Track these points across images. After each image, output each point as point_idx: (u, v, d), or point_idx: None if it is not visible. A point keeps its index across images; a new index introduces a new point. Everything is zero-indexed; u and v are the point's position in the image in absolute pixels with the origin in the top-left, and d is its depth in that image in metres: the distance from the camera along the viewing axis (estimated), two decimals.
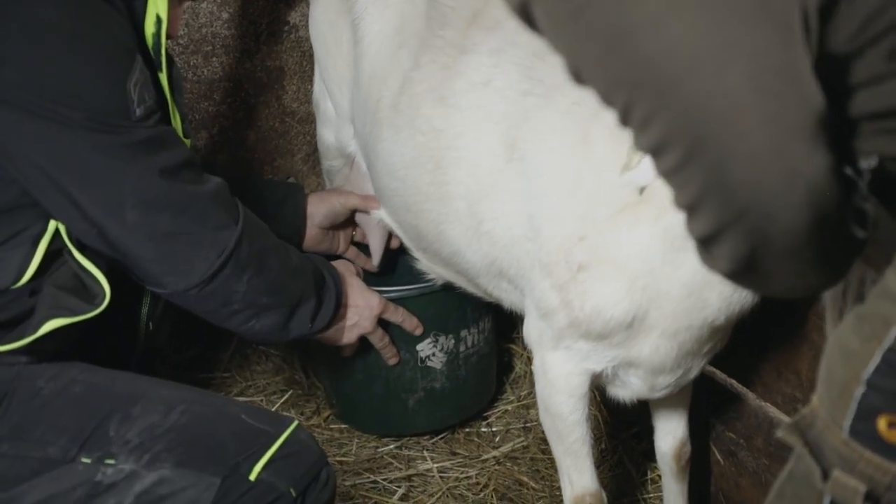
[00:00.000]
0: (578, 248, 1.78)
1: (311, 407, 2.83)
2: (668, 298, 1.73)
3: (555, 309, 1.85)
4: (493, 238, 1.96)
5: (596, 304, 1.78)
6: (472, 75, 1.99)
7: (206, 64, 2.78)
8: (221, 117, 2.85)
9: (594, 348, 1.85)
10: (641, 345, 1.82)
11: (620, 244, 1.74)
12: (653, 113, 0.95)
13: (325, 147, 2.59)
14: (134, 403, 1.74)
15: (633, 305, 1.75)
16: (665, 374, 1.89)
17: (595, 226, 1.75)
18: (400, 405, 2.59)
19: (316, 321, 2.08)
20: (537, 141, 1.86)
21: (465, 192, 1.99)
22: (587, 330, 1.81)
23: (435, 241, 2.12)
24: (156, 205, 1.76)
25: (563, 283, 1.81)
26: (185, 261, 1.82)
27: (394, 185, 2.18)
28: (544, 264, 1.84)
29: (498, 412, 2.82)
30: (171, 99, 1.91)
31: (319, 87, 2.55)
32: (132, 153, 1.74)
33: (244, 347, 3.00)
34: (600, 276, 1.76)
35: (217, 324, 1.99)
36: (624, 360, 1.87)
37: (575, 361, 1.90)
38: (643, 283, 1.73)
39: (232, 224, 1.87)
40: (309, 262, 2.09)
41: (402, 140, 2.11)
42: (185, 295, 1.86)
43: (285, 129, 2.93)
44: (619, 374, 1.93)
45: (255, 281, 1.91)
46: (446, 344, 2.54)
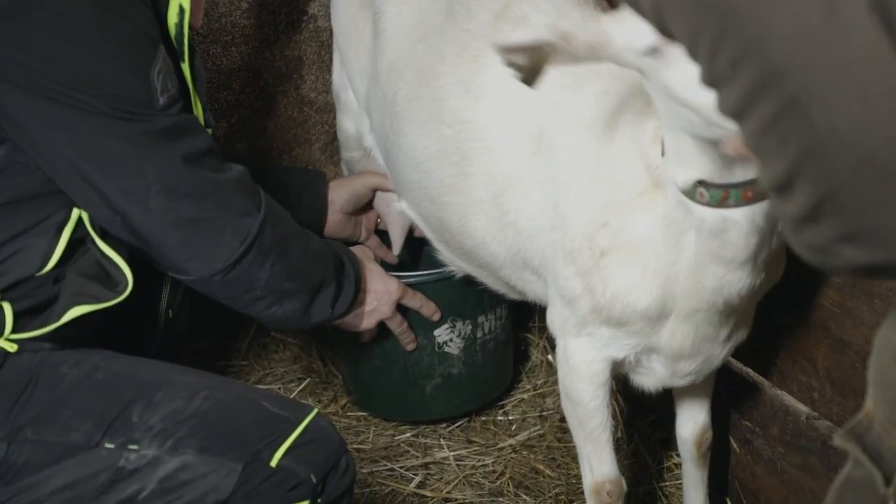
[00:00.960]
0: (601, 234, 1.79)
1: (328, 395, 2.84)
2: (676, 282, 1.75)
3: (578, 295, 1.86)
4: (518, 228, 1.97)
5: (616, 289, 1.79)
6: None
7: (226, 53, 2.79)
8: (240, 106, 2.85)
9: (615, 335, 1.86)
10: (660, 330, 1.83)
11: (636, 229, 1.76)
12: (745, 51, 0.86)
13: (345, 137, 2.59)
14: (156, 390, 1.74)
15: (647, 290, 1.77)
16: (685, 360, 1.89)
17: (616, 211, 1.77)
18: (417, 391, 2.60)
19: (336, 306, 2.09)
20: (564, 131, 1.87)
21: (491, 183, 1.99)
22: (608, 315, 1.83)
23: (458, 232, 2.12)
24: (179, 191, 1.77)
25: (586, 270, 1.82)
26: (208, 247, 1.83)
27: (417, 178, 2.18)
28: (568, 251, 1.85)
29: (514, 401, 2.83)
30: (193, 88, 1.91)
31: (339, 76, 2.56)
32: (155, 140, 1.74)
33: (262, 336, 3.01)
34: (619, 262, 1.78)
35: (239, 310, 2.00)
36: (645, 346, 1.88)
37: (597, 348, 1.91)
38: (654, 268, 1.75)
39: (254, 210, 1.88)
40: (328, 248, 2.10)
41: (427, 133, 2.11)
42: (208, 281, 1.87)
43: (303, 118, 2.93)
44: (642, 361, 1.94)
45: (278, 267, 1.92)
46: (464, 329, 2.55)
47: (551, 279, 1.95)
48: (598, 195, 1.80)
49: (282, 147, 2.93)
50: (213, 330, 2.96)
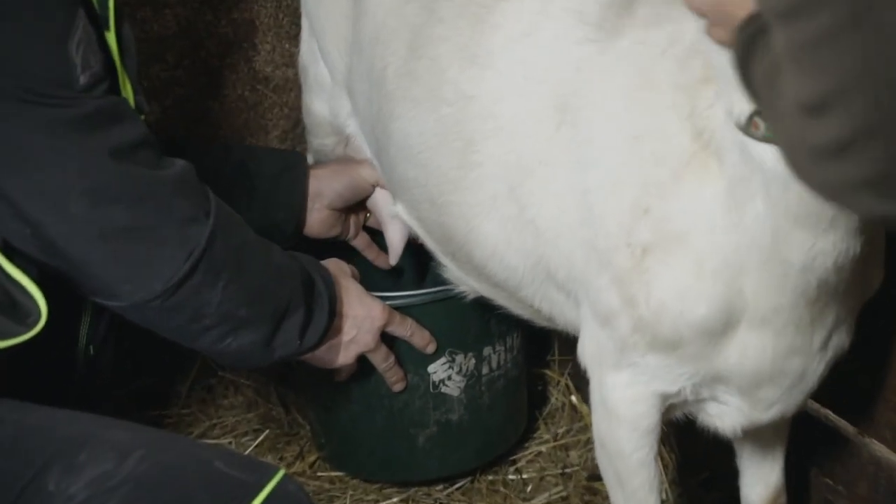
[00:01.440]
0: (641, 225, 1.78)
1: (292, 450, 2.82)
2: (745, 274, 1.72)
3: (615, 311, 1.85)
4: (539, 228, 1.96)
5: (663, 296, 1.77)
6: (511, 27, 2.00)
7: (157, 17, 2.79)
8: (176, 85, 2.85)
9: (666, 362, 1.84)
10: (725, 347, 1.80)
11: (685, 213, 1.74)
12: None
13: (314, 121, 2.60)
14: (79, 449, 1.73)
15: (706, 292, 1.75)
16: (767, 385, 1.86)
17: (659, 191, 1.76)
18: (407, 443, 2.59)
19: (306, 336, 2.09)
20: (592, 97, 1.88)
21: (504, 172, 1.99)
22: (655, 334, 1.81)
23: (465, 240, 2.12)
24: (107, 194, 1.77)
25: (624, 275, 1.81)
26: (145, 264, 1.83)
27: (412, 174, 2.18)
28: (601, 252, 1.84)
29: (529, 454, 2.82)
30: (121, 64, 1.91)
31: (308, 46, 2.56)
32: (76, 131, 1.74)
33: (207, 376, 3.00)
34: (666, 259, 1.76)
35: (184, 343, 1.99)
36: (707, 373, 1.85)
37: (642, 382, 1.89)
38: (713, 262, 1.73)
39: (202, 216, 1.88)
40: (295, 262, 2.10)
41: (422, 115, 2.12)
42: (145, 308, 1.86)
43: (257, 99, 2.93)
44: (705, 394, 1.91)
45: (232, 288, 1.92)
46: (465, 365, 2.55)
47: (582, 293, 1.95)
48: (636, 174, 1.79)
49: (230, 136, 2.93)
50: (145, 370, 2.95)
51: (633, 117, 1.81)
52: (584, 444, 2.83)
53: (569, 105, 1.90)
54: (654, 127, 1.78)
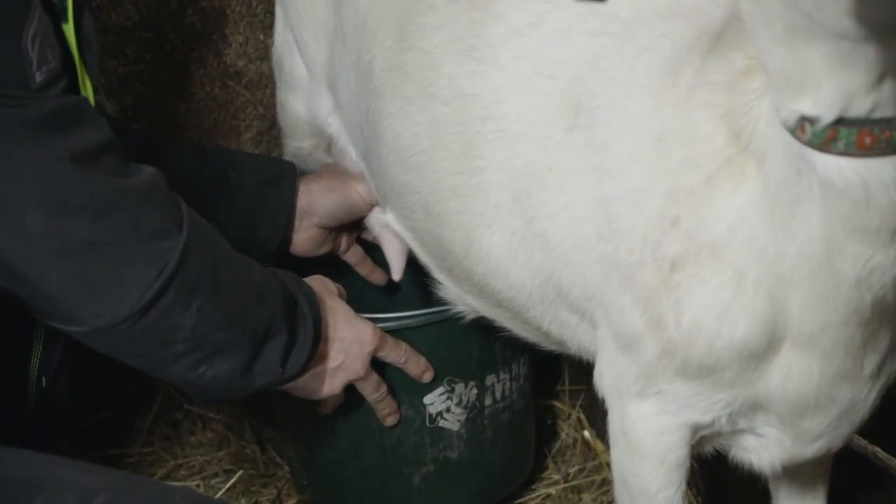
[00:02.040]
0: (670, 237, 1.78)
1: (269, 493, 2.81)
2: (790, 286, 1.72)
3: (639, 333, 1.84)
4: (549, 242, 1.96)
5: (697, 314, 1.77)
6: (514, 16, 2.00)
7: (116, 6, 2.79)
8: (137, 81, 2.85)
9: (698, 390, 1.84)
10: (767, 371, 1.80)
11: (720, 221, 1.74)
12: None
13: (290, 122, 2.60)
14: (35, 493, 1.72)
15: (747, 309, 1.74)
16: (812, 414, 1.85)
17: (689, 199, 1.76)
18: (400, 485, 2.58)
19: (288, 363, 2.09)
20: (610, 95, 1.87)
21: (509, 179, 2.00)
22: (686, 359, 1.81)
23: (465, 255, 2.12)
24: (66, 205, 1.76)
25: (650, 293, 1.81)
26: (110, 284, 1.82)
27: (405, 178, 2.19)
28: (623, 269, 1.84)
29: (537, 497, 2.82)
30: (80, 60, 1.91)
31: (283, 37, 2.56)
32: (32, 134, 1.73)
33: (171, 409, 3.00)
34: (700, 274, 1.76)
35: (153, 373, 2.00)
36: (746, 400, 1.84)
37: (670, 412, 1.89)
38: (755, 274, 1.72)
39: (174, 229, 1.88)
40: (275, 280, 2.10)
41: (414, 114, 2.12)
42: (110, 333, 1.86)
43: (228, 96, 2.93)
44: (743, 425, 1.90)
45: (208, 309, 1.92)
46: (466, 395, 2.55)
47: (600, 314, 1.94)
48: (662, 182, 1.79)
49: (198, 138, 2.92)
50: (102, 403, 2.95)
51: (658, 119, 1.81)
52: (599, 485, 2.83)
53: (582, 105, 1.91)
54: (683, 129, 1.78)
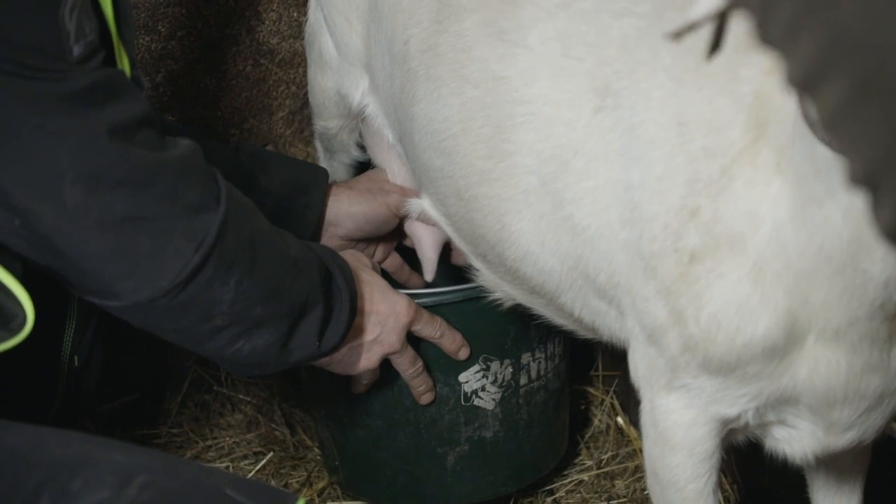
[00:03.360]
0: (690, 228, 1.77)
1: (299, 476, 2.83)
2: (813, 283, 1.70)
3: (663, 326, 1.84)
4: (576, 227, 1.96)
5: (715, 310, 1.76)
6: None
7: None
8: (169, 58, 2.84)
9: (724, 384, 1.84)
10: (793, 364, 1.79)
11: (740, 212, 1.73)
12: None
13: (320, 101, 2.61)
14: (73, 474, 1.71)
15: (767, 305, 1.73)
16: (842, 406, 1.84)
17: (708, 189, 1.75)
18: (434, 465, 2.58)
19: (325, 337, 2.09)
20: (636, 79, 1.87)
21: (537, 163, 2.00)
22: (707, 355, 1.80)
23: (496, 240, 2.12)
24: (105, 179, 1.75)
25: (671, 285, 1.80)
26: (149, 258, 1.82)
27: (438, 163, 2.19)
28: (647, 258, 1.84)
29: (570, 483, 2.82)
30: (118, 33, 1.89)
31: (315, 16, 2.57)
32: (70, 107, 1.72)
33: (201, 391, 3.01)
34: (718, 268, 1.75)
35: (190, 347, 2.00)
36: (773, 393, 1.83)
37: (698, 406, 1.89)
38: (775, 267, 1.71)
39: (212, 203, 1.87)
40: (311, 254, 2.11)
41: (446, 97, 2.12)
42: (150, 308, 1.85)
43: (261, 74, 2.92)
44: (772, 417, 1.90)
45: (246, 283, 1.92)
46: (501, 374, 2.54)
47: (627, 302, 1.94)
48: (683, 169, 1.78)
49: (229, 117, 2.92)
50: (130, 384, 2.95)
51: (681, 103, 1.80)
52: (633, 472, 2.84)
53: (609, 88, 1.90)
54: (705, 115, 1.77)
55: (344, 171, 2.72)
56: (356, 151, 2.65)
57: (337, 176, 2.71)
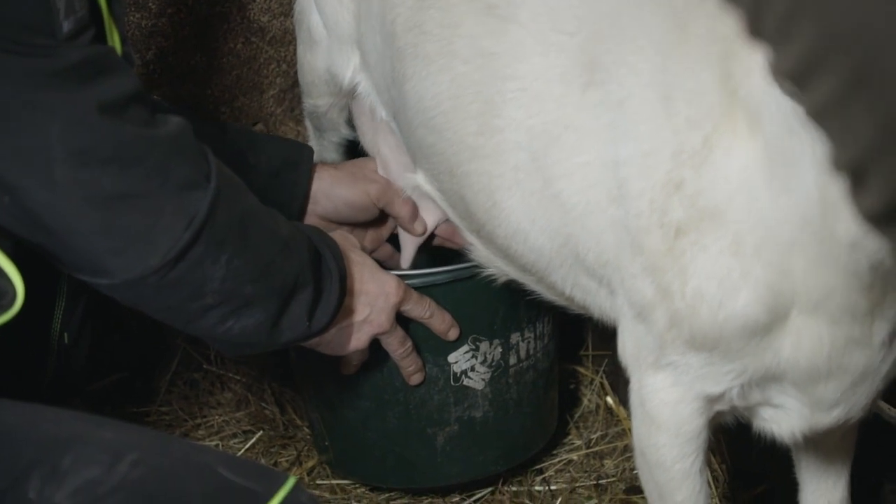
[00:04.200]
0: (674, 201, 1.77)
1: (288, 455, 2.83)
2: (793, 250, 1.70)
3: (650, 302, 1.84)
4: (565, 204, 1.96)
5: (698, 283, 1.76)
6: None
7: None
8: (159, 35, 2.83)
9: (709, 361, 1.84)
10: (777, 338, 1.79)
11: (717, 182, 1.73)
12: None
13: (309, 80, 2.60)
14: (64, 451, 1.71)
15: (748, 278, 1.73)
16: (826, 382, 1.84)
17: (692, 161, 1.75)
18: (424, 445, 2.59)
19: (315, 317, 2.09)
20: (624, 53, 1.87)
21: (527, 139, 2.00)
22: (692, 330, 1.80)
23: (487, 217, 2.13)
24: (95, 156, 1.75)
25: (657, 260, 1.81)
26: (139, 235, 1.81)
27: (429, 141, 2.19)
28: (634, 233, 1.84)
29: (559, 463, 2.82)
30: (108, 10, 1.89)
31: None
32: (60, 84, 1.72)
33: (190, 369, 3.00)
34: (701, 240, 1.76)
35: (179, 326, 1.99)
36: (757, 371, 1.83)
37: (685, 384, 1.89)
38: (754, 239, 1.71)
39: (202, 181, 1.87)
40: (301, 234, 2.11)
41: (435, 75, 2.13)
42: (139, 285, 1.85)
43: (251, 52, 2.92)
44: (757, 397, 1.90)
45: (237, 262, 1.92)
46: (490, 354, 2.54)
47: (616, 280, 1.94)
48: (668, 143, 1.78)
49: (219, 95, 2.92)
50: (119, 363, 2.95)
51: (667, 77, 1.80)
52: (622, 451, 2.84)
53: (598, 63, 1.90)
54: (688, 87, 1.77)
55: (333, 150, 2.71)
56: (346, 130, 2.65)
57: (326, 155, 2.71)
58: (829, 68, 0.97)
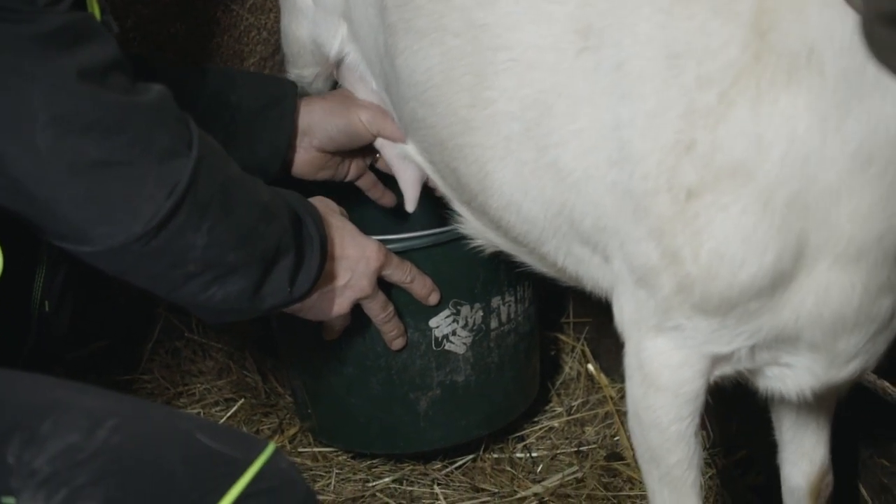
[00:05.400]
0: (686, 163, 1.75)
1: (270, 423, 2.84)
2: (838, 197, 1.67)
3: (654, 267, 1.83)
4: (561, 171, 1.95)
5: (716, 246, 1.74)
6: None
7: None
8: (139, 3, 2.81)
9: (722, 324, 1.82)
10: (799, 293, 1.77)
11: (739, 138, 1.71)
12: None
13: (294, 50, 2.59)
14: (42, 417, 1.70)
15: (778, 231, 1.71)
16: (850, 335, 1.82)
17: (706, 120, 1.73)
18: (407, 410, 2.60)
19: (297, 283, 2.09)
20: (620, 15, 1.86)
21: (520, 108, 1.99)
22: (705, 294, 1.78)
23: (480, 188, 2.12)
24: (77, 122, 1.74)
25: (665, 225, 1.79)
26: (122, 202, 1.81)
27: (420, 114, 2.19)
28: (637, 198, 1.82)
29: (540, 430, 2.83)
30: None
31: None
32: (39, 50, 1.71)
33: (172, 338, 3.00)
34: (718, 201, 1.73)
35: (162, 294, 1.99)
36: (773, 329, 1.82)
37: (691, 346, 1.88)
38: (788, 191, 1.68)
39: (184, 149, 1.86)
40: (280, 199, 2.11)
41: (427, 48, 2.12)
42: (122, 253, 1.84)
43: (231, 20, 2.91)
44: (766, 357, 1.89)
45: (219, 229, 1.92)
46: (471, 318, 2.55)
47: (614, 246, 1.93)
48: (676, 103, 1.76)
49: (200, 62, 2.89)
50: (100, 330, 2.94)
51: (670, 35, 1.79)
52: (602, 419, 2.85)
53: (592, 28, 1.89)
54: (698, 43, 1.75)
55: None
56: None
57: None
58: None
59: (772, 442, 2.26)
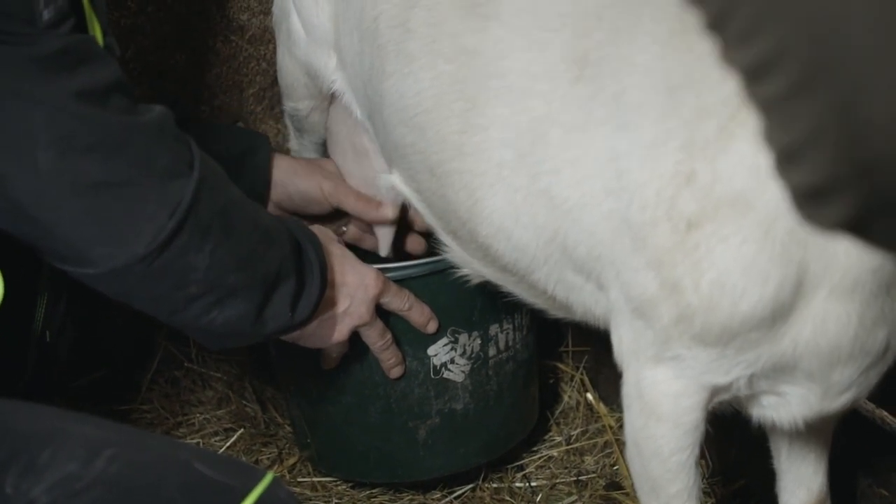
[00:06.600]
0: (686, 194, 1.74)
1: (270, 452, 2.82)
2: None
3: (652, 298, 1.82)
4: (554, 198, 1.94)
5: (718, 276, 1.73)
6: None
7: None
8: (139, 33, 2.82)
9: (722, 354, 1.81)
10: (797, 324, 1.76)
11: (739, 170, 1.70)
12: (761, 17, 0.97)
13: (289, 82, 2.60)
14: (41, 446, 1.69)
15: (778, 261, 1.70)
16: (844, 366, 1.82)
17: (705, 151, 1.73)
18: (406, 438, 2.58)
19: (298, 309, 2.09)
20: (616, 45, 1.86)
21: (513, 137, 1.98)
22: (706, 325, 1.77)
23: (469, 216, 2.11)
24: (77, 144, 1.74)
25: (664, 256, 1.78)
26: (124, 223, 1.81)
27: (408, 140, 2.18)
28: (636, 227, 1.81)
29: (539, 459, 2.82)
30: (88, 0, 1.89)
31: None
32: (40, 72, 1.72)
33: (171, 367, 2.99)
34: (718, 231, 1.73)
35: (163, 317, 1.98)
36: (771, 358, 1.81)
37: (689, 376, 1.87)
38: (790, 221, 1.67)
39: (185, 170, 1.87)
40: (281, 225, 2.11)
41: (417, 73, 2.12)
42: (124, 274, 1.84)
43: (231, 51, 2.91)
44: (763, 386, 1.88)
45: (221, 250, 1.91)
46: (470, 346, 2.54)
47: (610, 275, 1.92)
48: (675, 134, 1.76)
49: (199, 94, 2.91)
50: (100, 360, 2.94)
51: (669, 67, 1.79)
52: (602, 448, 2.83)
53: (588, 58, 1.89)
54: (694, 76, 1.75)
55: (314, 150, 2.71)
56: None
57: (306, 154, 2.71)
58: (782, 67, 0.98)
59: (770, 470, 2.25)
